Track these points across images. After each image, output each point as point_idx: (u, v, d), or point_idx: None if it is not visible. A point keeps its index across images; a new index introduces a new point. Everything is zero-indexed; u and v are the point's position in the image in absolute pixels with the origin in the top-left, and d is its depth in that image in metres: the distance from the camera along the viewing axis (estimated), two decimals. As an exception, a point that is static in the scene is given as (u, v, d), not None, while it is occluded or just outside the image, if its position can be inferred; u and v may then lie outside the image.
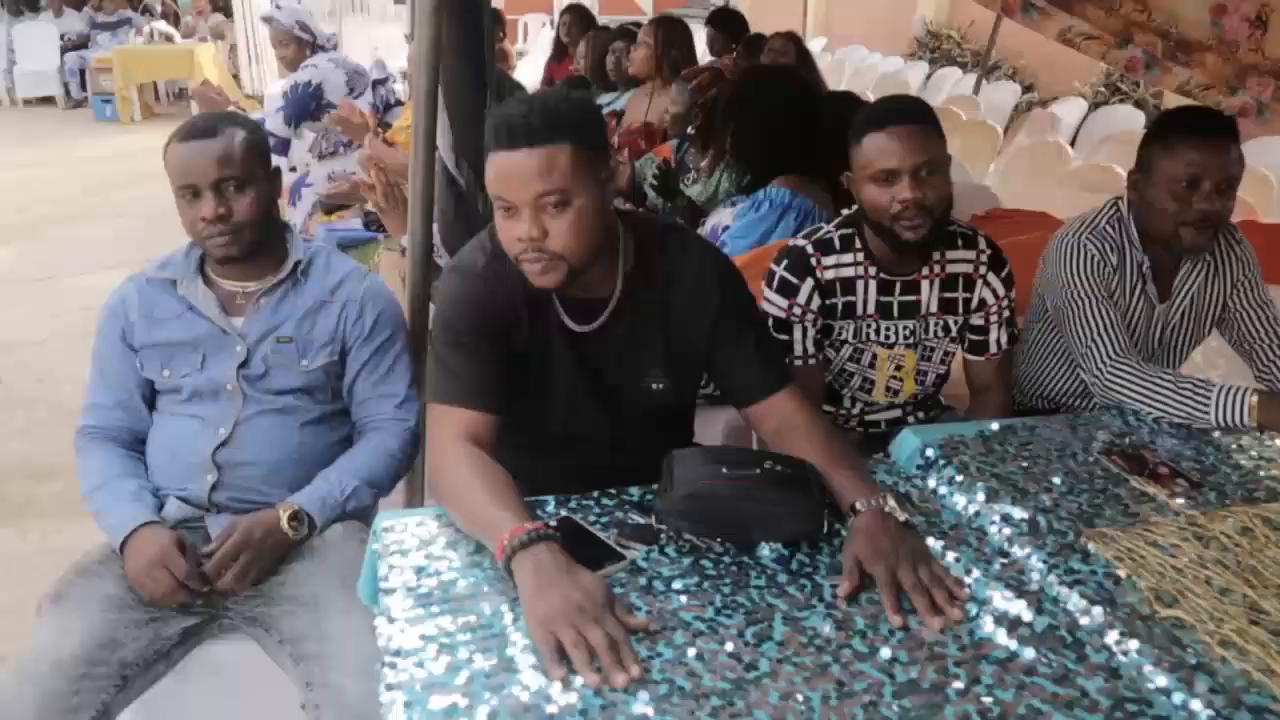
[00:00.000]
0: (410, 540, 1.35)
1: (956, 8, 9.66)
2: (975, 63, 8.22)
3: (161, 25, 10.93)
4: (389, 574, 1.28)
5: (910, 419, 2.09)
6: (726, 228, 2.60)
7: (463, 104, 2.14)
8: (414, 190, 1.98)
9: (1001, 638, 1.18)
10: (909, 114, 1.78)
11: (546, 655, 1.10)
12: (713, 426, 2.20)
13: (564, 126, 1.37)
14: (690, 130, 3.16)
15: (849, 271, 1.91)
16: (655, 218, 1.84)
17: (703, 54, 4.85)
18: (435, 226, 2.16)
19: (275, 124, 3.80)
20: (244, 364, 1.71)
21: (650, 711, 1.04)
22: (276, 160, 1.80)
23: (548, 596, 1.15)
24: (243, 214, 1.65)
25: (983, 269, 1.96)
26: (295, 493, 1.67)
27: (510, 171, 1.37)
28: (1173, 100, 2.51)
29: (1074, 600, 1.26)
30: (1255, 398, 1.73)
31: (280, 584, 1.60)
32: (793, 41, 4.44)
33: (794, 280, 1.89)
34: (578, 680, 1.08)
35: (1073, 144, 6.21)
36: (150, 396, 1.76)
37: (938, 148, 1.78)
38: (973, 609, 1.24)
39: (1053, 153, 4.92)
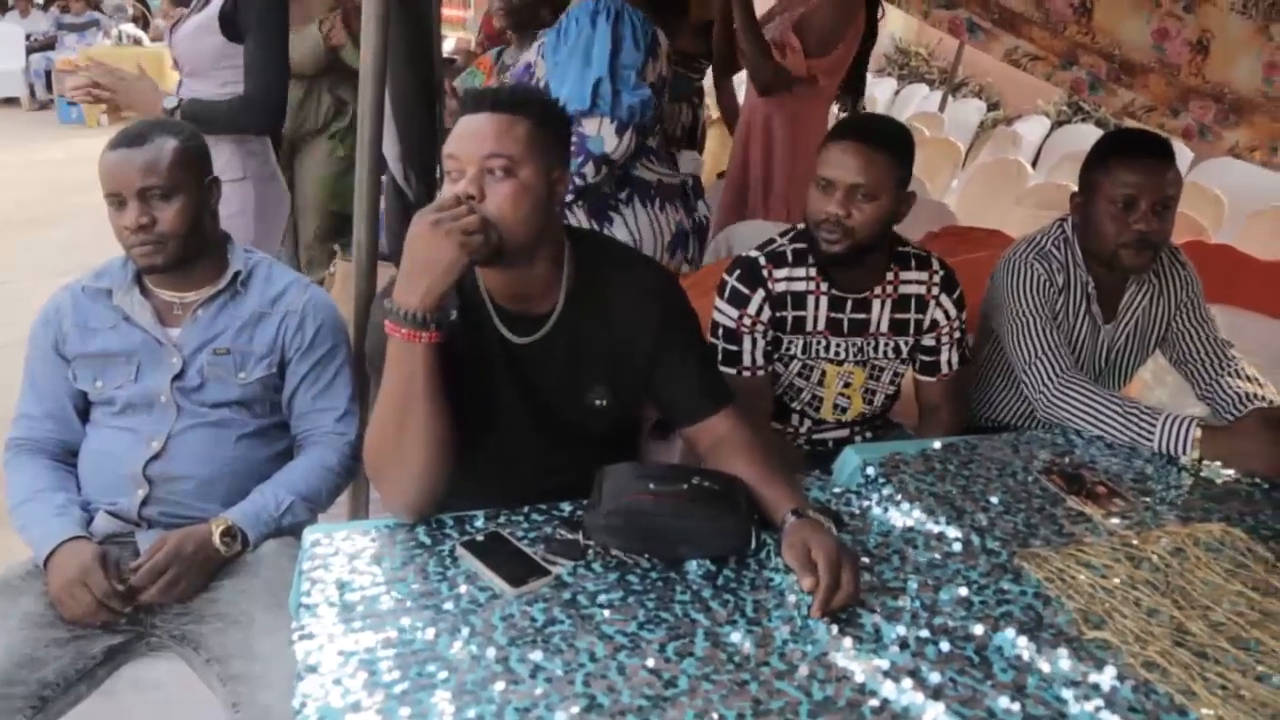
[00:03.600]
0: (336, 555, 1.33)
1: (925, 25, 9.77)
2: (942, 80, 8.30)
3: (130, 28, 10.81)
4: (311, 589, 1.26)
5: (858, 438, 2.09)
6: (542, 82, 2.28)
7: (411, 116, 2.12)
8: (360, 199, 1.96)
9: (918, 658, 1.18)
10: (866, 134, 1.80)
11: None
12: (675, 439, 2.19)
13: (529, 104, 1.40)
14: None
15: (800, 286, 1.91)
16: (599, 234, 1.83)
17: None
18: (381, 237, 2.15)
19: None
20: (179, 376, 1.68)
21: (567, 730, 1.03)
22: None
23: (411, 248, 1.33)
24: (166, 224, 1.63)
25: (935, 290, 1.97)
26: (229, 508, 1.64)
27: (466, 131, 1.38)
28: (1131, 119, 2.56)
29: (994, 621, 1.26)
30: (1199, 431, 1.73)
31: (210, 601, 1.57)
32: None
33: (745, 291, 1.89)
34: (496, 690, 1.08)
35: (1035, 162, 6.29)
36: (84, 408, 1.73)
37: (881, 176, 1.78)
38: (894, 628, 1.23)
39: (1012, 170, 4.98)
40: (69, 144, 8.99)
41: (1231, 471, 1.72)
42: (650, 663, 1.14)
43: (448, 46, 5.16)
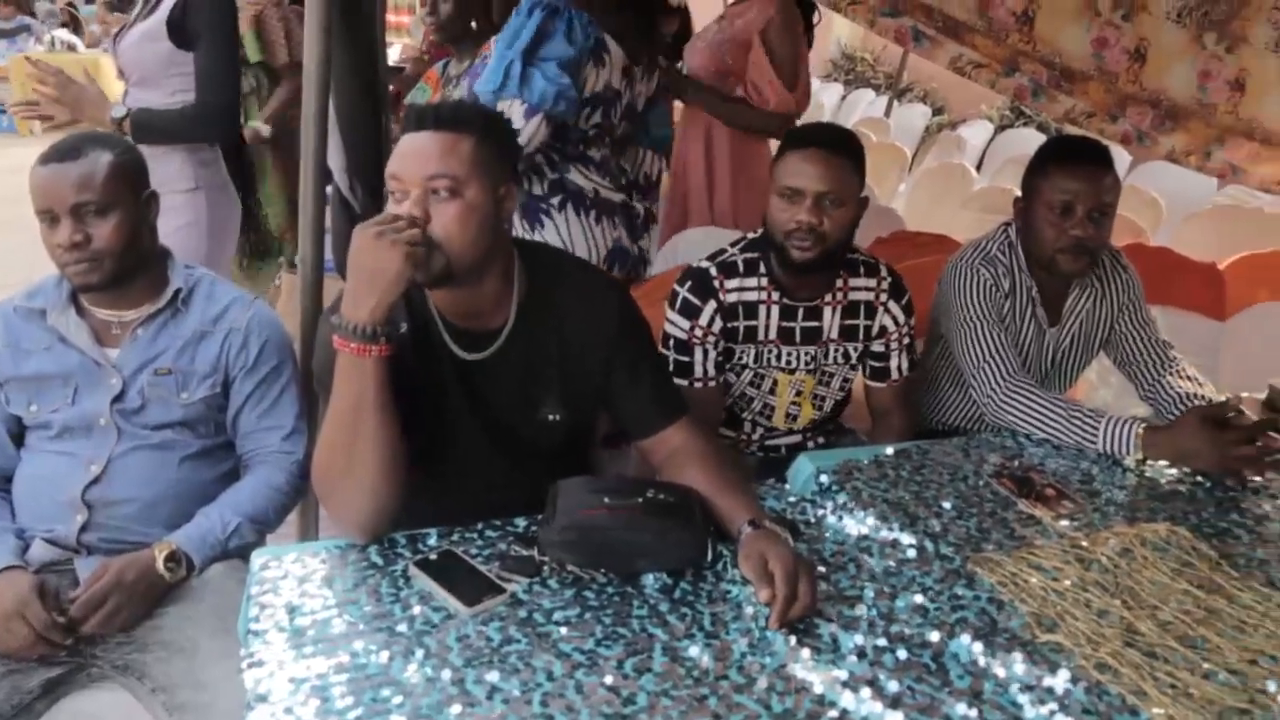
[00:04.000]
0: (285, 578, 1.30)
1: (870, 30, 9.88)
2: (888, 85, 8.40)
3: (64, 34, 10.51)
4: (260, 614, 1.23)
5: (810, 444, 2.10)
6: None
7: (356, 126, 2.09)
8: (305, 212, 1.92)
9: (876, 667, 1.19)
10: (827, 141, 1.81)
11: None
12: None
13: (472, 121, 1.38)
14: None
15: (751, 295, 1.91)
16: (549, 246, 1.82)
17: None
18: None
19: None
20: (118, 397, 1.63)
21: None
22: None
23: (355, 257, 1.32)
24: (102, 241, 1.58)
25: (884, 296, 1.98)
26: (173, 532, 1.60)
27: (409, 150, 1.36)
28: (1072, 125, 2.62)
29: (950, 627, 1.27)
30: (1141, 429, 1.76)
31: (154, 628, 1.53)
32: None
33: (696, 302, 1.89)
34: (453, 713, 1.06)
35: (980, 166, 6.39)
36: (18, 432, 1.68)
37: (847, 182, 1.80)
38: (851, 638, 1.24)
39: (957, 174, 5.05)
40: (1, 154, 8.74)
41: (1175, 471, 1.75)
42: (608, 680, 1.13)
43: (394, 54, 5.11)
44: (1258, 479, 1.74)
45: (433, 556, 1.34)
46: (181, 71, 2.30)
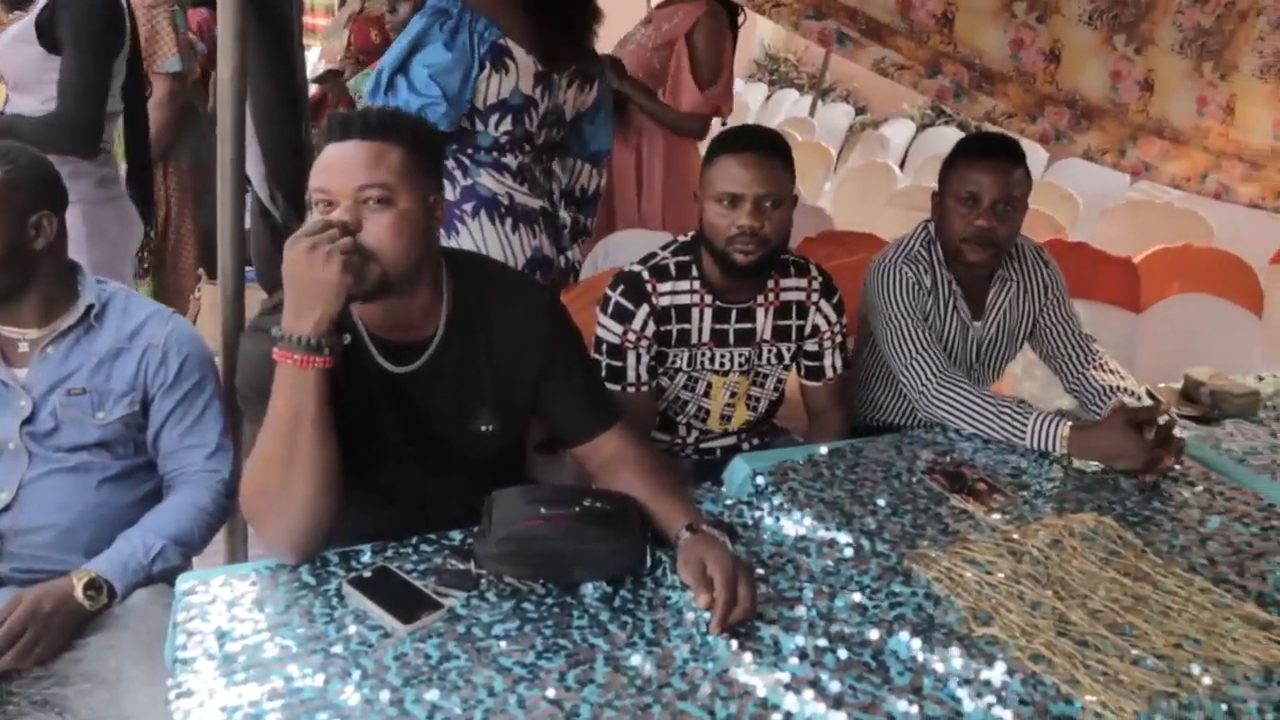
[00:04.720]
0: (213, 602, 1.26)
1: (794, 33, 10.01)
2: (812, 85, 8.50)
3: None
4: (187, 641, 1.19)
5: (745, 445, 2.11)
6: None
7: (276, 134, 2.04)
8: (224, 224, 1.87)
9: (818, 668, 1.19)
10: (760, 144, 1.82)
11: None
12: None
13: (399, 129, 1.34)
14: None
15: (684, 299, 1.91)
16: (477, 255, 1.79)
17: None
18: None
19: None
20: (28, 420, 1.56)
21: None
22: None
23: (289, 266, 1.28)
24: None
25: (815, 295, 2.00)
26: (92, 558, 1.54)
27: (335, 161, 1.32)
28: (993, 125, 2.68)
29: (888, 624, 1.29)
30: (1067, 429, 1.79)
31: (75, 660, 1.46)
32: None
33: (629, 306, 1.88)
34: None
35: (903, 164, 6.51)
36: (-78, 460, 1.60)
37: (783, 182, 1.81)
38: (792, 639, 1.24)
39: (881, 173, 5.13)
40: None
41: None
42: (551, 693, 1.12)
43: (311, 56, 5.02)
44: (1177, 467, 1.79)
45: (367, 574, 1.31)
46: (55, 77, 2.20)
